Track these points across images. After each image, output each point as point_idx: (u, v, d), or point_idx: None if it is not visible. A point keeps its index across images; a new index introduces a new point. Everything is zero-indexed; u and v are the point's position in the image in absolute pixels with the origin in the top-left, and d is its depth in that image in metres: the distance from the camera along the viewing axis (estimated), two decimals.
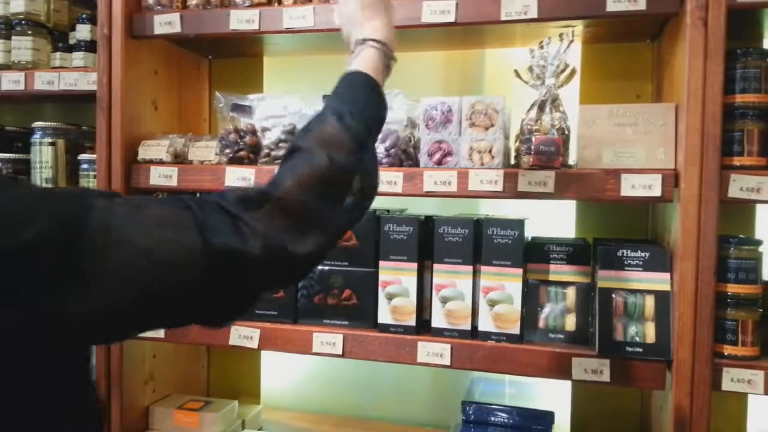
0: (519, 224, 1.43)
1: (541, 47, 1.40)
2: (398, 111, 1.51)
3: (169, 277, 0.70)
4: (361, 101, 0.95)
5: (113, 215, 0.68)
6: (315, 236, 0.82)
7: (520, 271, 1.42)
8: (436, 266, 1.47)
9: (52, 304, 0.62)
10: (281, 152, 1.53)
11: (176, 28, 1.62)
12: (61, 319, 0.64)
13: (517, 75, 1.45)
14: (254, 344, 1.55)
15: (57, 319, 0.63)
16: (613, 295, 1.35)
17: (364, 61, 1.00)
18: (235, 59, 2.01)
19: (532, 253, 1.45)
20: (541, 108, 1.40)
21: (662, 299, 1.32)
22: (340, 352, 1.49)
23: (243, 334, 1.55)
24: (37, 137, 1.81)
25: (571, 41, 1.38)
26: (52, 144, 1.81)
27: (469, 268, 1.45)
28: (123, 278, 0.66)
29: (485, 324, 1.43)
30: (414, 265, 1.48)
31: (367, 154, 0.92)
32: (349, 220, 0.90)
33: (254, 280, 0.79)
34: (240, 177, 1.53)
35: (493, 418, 1.60)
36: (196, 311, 0.77)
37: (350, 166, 0.87)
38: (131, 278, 0.67)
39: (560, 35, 1.39)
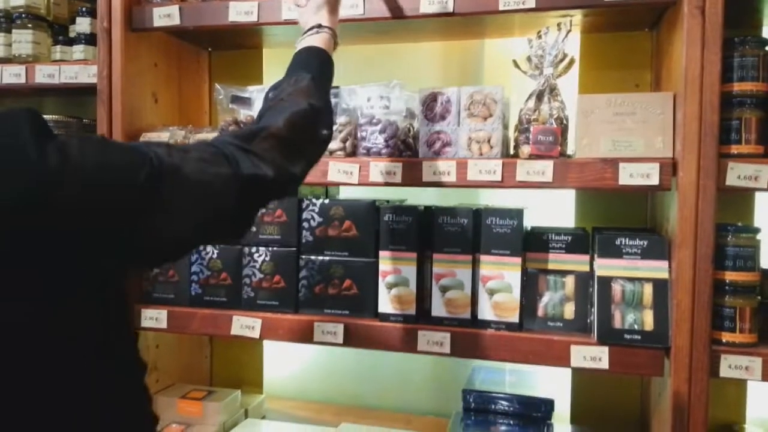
0: (518, 213, 1.43)
1: (539, 37, 1.40)
2: (397, 102, 1.51)
3: (216, 201, 0.91)
4: (324, 69, 1.24)
5: (173, 159, 0.85)
6: (303, 160, 1.09)
7: (519, 260, 1.43)
8: (435, 256, 1.48)
9: (149, 225, 0.81)
10: None
11: (175, 21, 1.62)
12: (152, 235, 0.83)
13: (516, 65, 1.45)
14: (256, 334, 1.56)
15: (149, 234, 0.82)
16: (612, 283, 1.36)
17: (323, 41, 1.27)
18: (235, 51, 2.01)
19: (531, 243, 1.46)
20: (540, 98, 1.41)
21: (660, 287, 1.33)
22: (341, 341, 1.50)
23: (245, 324, 1.57)
24: None
25: (569, 31, 1.38)
26: None
27: (469, 257, 1.46)
28: (189, 204, 0.87)
29: (485, 313, 1.44)
30: (414, 255, 1.49)
31: (329, 105, 1.23)
32: (321, 149, 1.20)
33: (268, 195, 1.05)
34: None
35: (493, 406, 1.62)
36: (229, 226, 0.98)
37: (321, 111, 1.15)
38: (194, 204, 0.88)
39: (558, 25, 1.39)
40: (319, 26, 1.27)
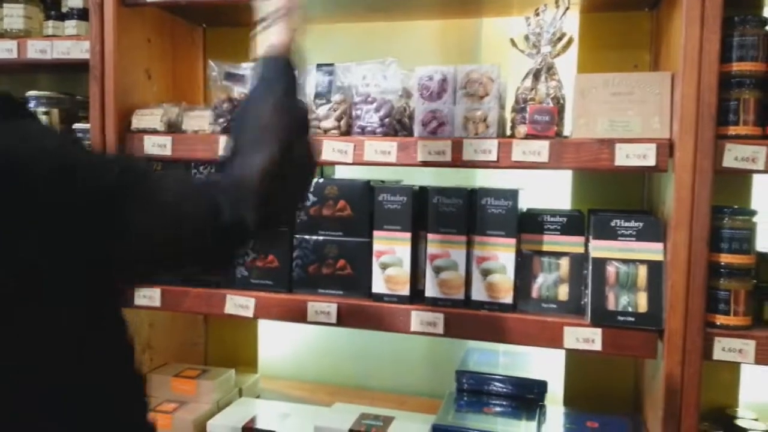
0: (513, 194, 1.42)
1: (537, 15, 1.38)
2: (393, 80, 1.49)
3: (189, 233, 0.89)
4: (285, 86, 1.05)
5: (148, 181, 0.86)
6: (285, 202, 1.05)
7: (513, 241, 1.42)
8: (430, 236, 1.47)
9: (111, 235, 0.80)
10: None
11: None
12: (112, 248, 0.81)
13: (513, 44, 1.43)
14: (249, 313, 1.56)
15: (110, 247, 0.81)
16: (606, 265, 1.35)
17: (277, 36, 1.08)
18: (230, 28, 1.98)
19: (526, 224, 1.45)
20: (537, 77, 1.39)
21: (655, 269, 1.32)
22: (335, 321, 1.49)
23: (238, 303, 1.56)
24: (31, 106, 1.80)
25: (567, 8, 1.36)
26: (47, 113, 1.80)
27: (463, 238, 1.45)
28: (157, 227, 0.85)
29: (478, 293, 1.44)
30: (408, 235, 1.48)
31: (297, 134, 1.05)
32: (302, 183, 1.13)
33: (249, 239, 1.02)
34: None
35: (486, 387, 1.62)
36: (205, 259, 0.98)
37: (289, 147, 1.00)
38: (164, 229, 0.86)
39: (556, 2, 1.37)
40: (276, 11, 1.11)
